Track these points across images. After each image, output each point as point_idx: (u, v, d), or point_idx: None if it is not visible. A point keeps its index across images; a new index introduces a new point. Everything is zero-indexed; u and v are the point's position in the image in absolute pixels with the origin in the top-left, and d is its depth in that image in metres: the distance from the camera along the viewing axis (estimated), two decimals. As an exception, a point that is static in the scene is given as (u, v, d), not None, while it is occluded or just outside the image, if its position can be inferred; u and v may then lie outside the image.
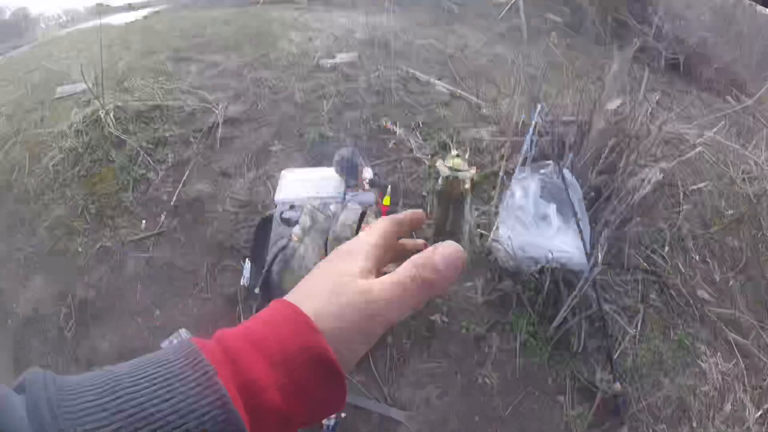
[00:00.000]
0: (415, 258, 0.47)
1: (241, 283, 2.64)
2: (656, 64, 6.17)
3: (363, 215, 2.11)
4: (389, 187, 2.83)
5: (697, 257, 3.15)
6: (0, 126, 4.20)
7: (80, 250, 3.07)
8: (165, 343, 2.52)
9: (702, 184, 3.47)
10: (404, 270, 0.46)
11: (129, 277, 2.90)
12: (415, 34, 5.44)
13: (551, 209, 2.59)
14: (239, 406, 0.35)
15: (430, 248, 0.47)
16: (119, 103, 3.86)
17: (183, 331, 2.59)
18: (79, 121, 3.81)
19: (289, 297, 0.45)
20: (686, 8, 7.35)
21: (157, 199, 3.29)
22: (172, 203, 3.23)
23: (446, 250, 0.47)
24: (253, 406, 0.36)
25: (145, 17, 8.63)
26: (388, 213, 2.68)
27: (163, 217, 3.18)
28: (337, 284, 0.45)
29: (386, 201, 2.47)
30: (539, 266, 2.48)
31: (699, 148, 3.54)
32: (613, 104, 3.03)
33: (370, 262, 0.48)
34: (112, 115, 3.74)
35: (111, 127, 3.66)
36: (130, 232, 3.11)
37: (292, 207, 2.24)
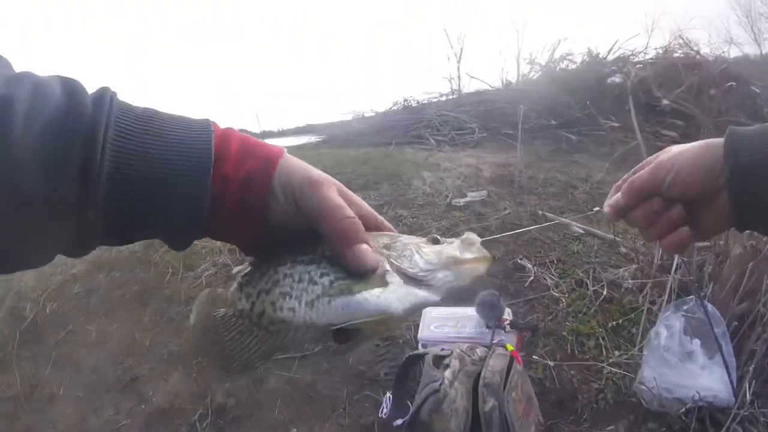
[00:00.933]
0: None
1: (380, 415, 2.64)
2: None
3: (512, 360, 2.23)
4: (531, 331, 2.91)
5: None
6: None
7: (225, 358, 3.31)
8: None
9: None
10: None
11: (269, 391, 2.96)
12: (539, 168, 5.70)
13: (696, 345, 2.58)
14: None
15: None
16: (271, 230, 4.34)
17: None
18: (234, 241, 4.31)
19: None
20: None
21: (304, 323, 3.52)
22: (317, 327, 3.44)
23: (368, 251, 0.53)
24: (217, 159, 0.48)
25: (287, 149, 9.65)
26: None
27: (307, 341, 3.37)
28: None
29: (509, 347, 2.58)
30: (685, 407, 2.45)
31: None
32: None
33: None
34: (264, 240, 4.21)
35: (263, 251, 4.10)
36: (275, 350, 3.32)
37: (442, 350, 2.38)
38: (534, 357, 2.83)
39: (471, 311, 2.58)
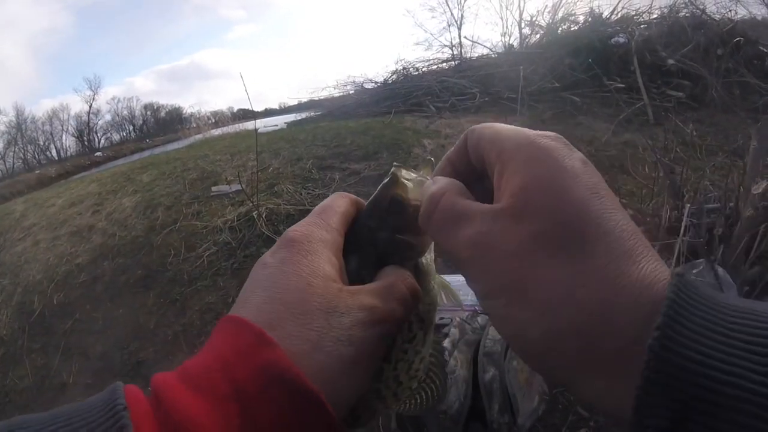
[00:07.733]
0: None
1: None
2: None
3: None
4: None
5: None
6: (160, 214, 4.90)
7: (229, 336, 3.32)
8: None
9: None
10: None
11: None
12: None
13: (706, 309, 2.51)
14: None
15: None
16: (271, 206, 4.34)
17: None
18: (234, 218, 4.31)
19: (255, 318, 0.32)
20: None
21: (307, 298, 3.53)
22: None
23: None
24: None
25: (287, 125, 9.65)
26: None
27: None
28: (331, 298, 0.34)
29: None
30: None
31: None
32: (759, 188, 2.92)
33: (339, 260, 0.39)
34: (264, 216, 4.19)
35: (263, 227, 4.08)
36: (280, 327, 3.30)
37: (441, 318, 2.33)
38: (538, 324, 2.77)
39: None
